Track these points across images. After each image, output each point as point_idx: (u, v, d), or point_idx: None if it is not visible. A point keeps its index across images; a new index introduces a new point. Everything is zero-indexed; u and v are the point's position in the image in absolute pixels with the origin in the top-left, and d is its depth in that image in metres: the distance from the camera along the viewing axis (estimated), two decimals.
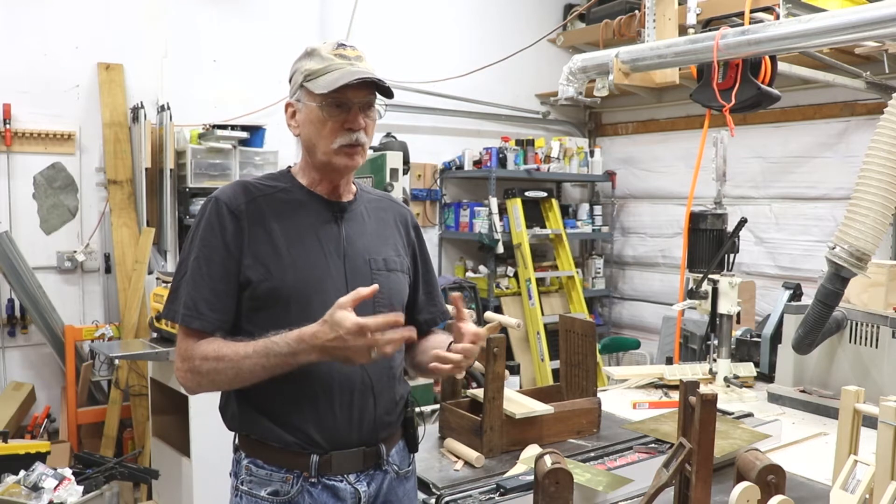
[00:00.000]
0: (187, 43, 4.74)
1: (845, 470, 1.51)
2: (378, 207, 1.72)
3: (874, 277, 2.43)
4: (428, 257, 1.83)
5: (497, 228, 5.49)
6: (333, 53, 1.54)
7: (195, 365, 1.48)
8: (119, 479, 3.34)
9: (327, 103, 1.52)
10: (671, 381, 2.81)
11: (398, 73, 5.37)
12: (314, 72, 1.53)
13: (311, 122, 1.56)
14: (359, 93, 1.53)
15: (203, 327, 1.49)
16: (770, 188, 5.36)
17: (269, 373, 1.45)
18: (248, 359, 1.44)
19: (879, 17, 2.47)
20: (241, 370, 1.45)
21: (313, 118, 1.55)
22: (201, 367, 1.48)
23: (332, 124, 1.53)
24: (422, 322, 1.79)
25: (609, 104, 6.21)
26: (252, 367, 1.44)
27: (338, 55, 1.54)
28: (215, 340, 1.49)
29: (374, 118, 1.60)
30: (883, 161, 2.11)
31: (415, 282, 1.77)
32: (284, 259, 1.53)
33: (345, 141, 1.54)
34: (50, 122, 4.32)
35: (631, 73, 3.27)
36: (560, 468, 1.27)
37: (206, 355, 1.47)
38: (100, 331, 4.26)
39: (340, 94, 1.51)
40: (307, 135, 1.58)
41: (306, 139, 1.59)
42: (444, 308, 1.85)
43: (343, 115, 1.53)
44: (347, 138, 1.54)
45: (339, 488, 1.56)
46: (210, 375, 1.48)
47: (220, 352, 1.46)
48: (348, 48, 1.56)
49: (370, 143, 1.62)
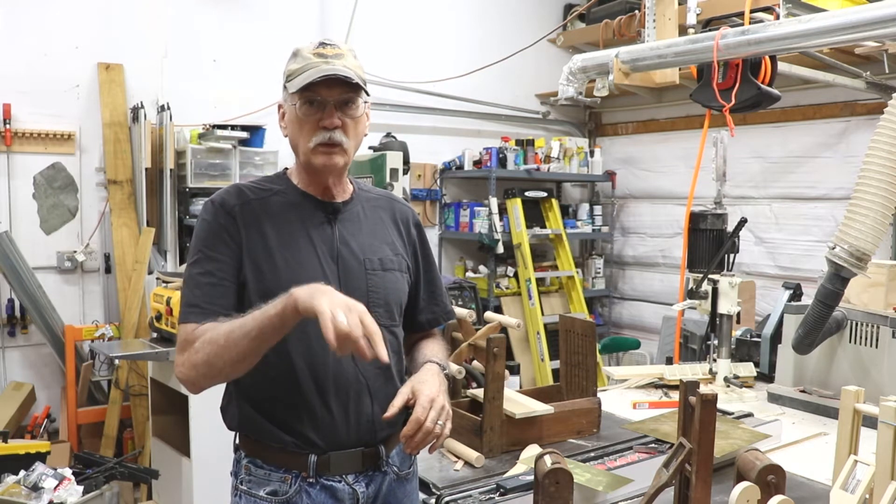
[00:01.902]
0: (187, 43, 4.74)
1: (845, 470, 1.51)
2: (377, 206, 1.71)
3: (874, 277, 2.44)
4: (430, 256, 1.81)
5: (497, 228, 5.49)
6: (313, 53, 1.54)
7: (192, 351, 1.44)
8: (119, 479, 3.34)
9: (301, 102, 1.53)
10: (671, 381, 2.81)
11: (398, 73, 5.38)
12: (293, 72, 1.53)
13: (292, 122, 1.57)
14: (332, 91, 1.52)
15: (200, 320, 1.47)
16: (770, 188, 5.36)
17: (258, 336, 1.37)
18: (237, 322, 1.40)
19: (879, 17, 2.47)
20: (233, 331, 1.39)
21: (292, 118, 1.57)
22: (198, 351, 1.43)
23: (308, 123, 1.54)
24: (423, 322, 1.78)
25: (609, 104, 6.21)
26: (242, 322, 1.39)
27: (316, 54, 1.53)
28: (210, 323, 1.46)
29: (355, 116, 1.57)
30: (883, 161, 2.11)
31: (416, 281, 1.75)
32: (277, 261, 1.53)
33: (320, 139, 1.53)
34: (50, 122, 4.32)
35: (631, 73, 3.27)
36: (560, 468, 1.27)
37: (204, 333, 1.44)
38: (100, 331, 4.27)
39: (312, 92, 1.51)
40: (291, 135, 1.59)
41: (291, 139, 1.60)
42: (448, 308, 1.84)
43: (318, 114, 1.53)
44: (322, 137, 1.53)
45: (338, 489, 1.56)
46: (205, 350, 1.42)
47: (216, 325, 1.44)
48: (328, 46, 1.55)
49: (355, 142, 1.59)
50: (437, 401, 1.48)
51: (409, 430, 1.44)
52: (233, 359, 1.41)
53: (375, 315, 1.57)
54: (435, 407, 1.47)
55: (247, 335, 1.38)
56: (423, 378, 1.55)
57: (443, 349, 1.76)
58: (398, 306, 1.67)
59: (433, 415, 1.46)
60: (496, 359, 1.93)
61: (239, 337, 1.39)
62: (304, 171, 1.61)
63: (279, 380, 1.52)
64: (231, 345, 1.40)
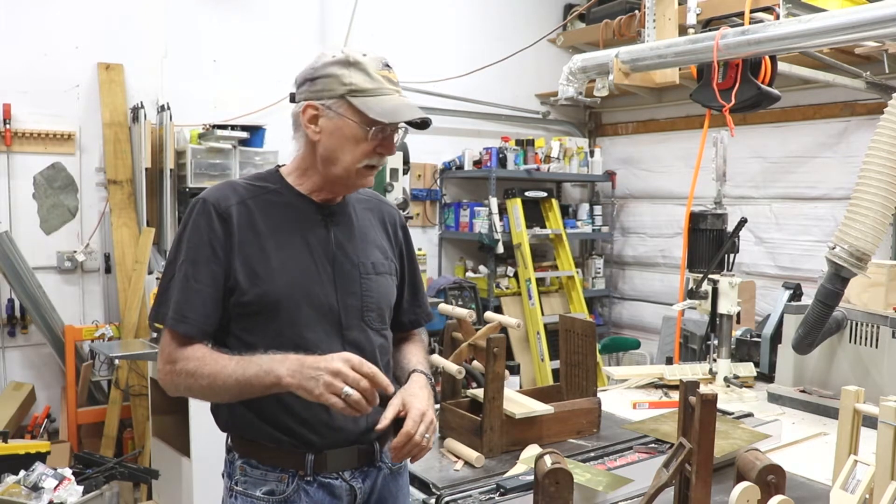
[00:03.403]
0: (187, 43, 4.74)
1: (845, 470, 1.51)
2: (366, 208, 1.71)
3: (874, 277, 2.44)
4: (414, 257, 1.82)
5: (497, 228, 5.49)
6: (381, 74, 1.52)
7: (176, 369, 1.48)
8: (119, 479, 3.34)
9: (376, 129, 1.51)
10: (671, 381, 2.81)
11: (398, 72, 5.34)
12: (363, 90, 1.50)
13: (344, 137, 1.51)
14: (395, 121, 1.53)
15: (188, 332, 1.48)
16: (770, 188, 5.36)
17: (241, 389, 1.43)
18: (226, 369, 1.44)
19: (879, 17, 2.47)
20: (215, 381, 1.44)
21: (348, 134, 1.51)
22: (181, 372, 1.48)
23: (369, 146, 1.52)
24: (406, 323, 1.80)
25: (609, 104, 6.21)
26: (226, 378, 1.43)
27: (385, 77, 1.53)
28: (200, 349, 1.48)
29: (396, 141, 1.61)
30: (883, 161, 2.11)
31: (401, 283, 1.76)
32: (273, 263, 1.52)
33: (373, 162, 1.55)
34: (50, 122, 4.32)
35: (631, 73, 3.27)
36: (560, 468, 1.27)
37: (188, 362, 1.47)
38: (100, 331, 4.27)
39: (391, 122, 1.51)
40: (331, 146, 1.53)
41: (328, 150, 1.53)
42: (429, 309, 1.86)
43: (380, 139, 1.53)
44: (376, 160, 1.55)
45: (335, 486, 1.57)
46: (187, 382, 1.48)
47: (202, 362, 1.46)
48: (392, 70, 1.56)
49: None
50: (427, 415, 1.52)
51: (400, 443, 1.48)
52: (211, 398, 1.53)
53: (368, 319, 1.59)
54: (425, 421, 1.50)
55: (226, 391, 1.45)
56: (413, 391, 1.57)
57: (425, 353, 1.79)
58: (388, 309, 1.68)
59: (422, 429, 1.49)
60: (496, 359, 1.93)
61: (219, 389, 1.46)
62: (326, 180, 1.57)
63: None
64: (211, 393, 1.49)
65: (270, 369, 1.40)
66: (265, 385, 1.41)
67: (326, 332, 1.55)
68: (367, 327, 1.61)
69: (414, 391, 1.57)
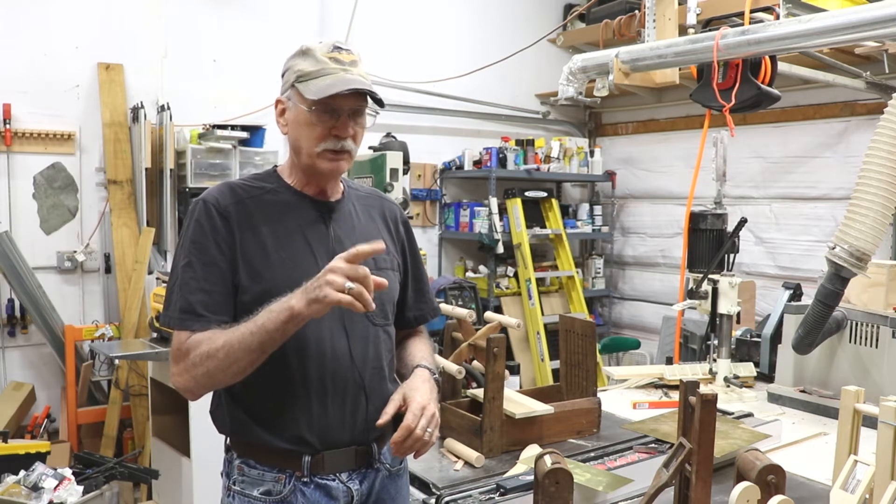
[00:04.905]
0: (187, 43, 4.74)
1: (845, 470, 1.51)
2: (367, 205, 1.72)
3: (874, 277, 2.43)
4: (417, 253, 1.82)
5: (497, 228, 5.49)
6: (328, 56, 1.52)
7: (189, 359, 1.45)
8: (119, 479, 3.34)
9: (317, 109, 1.50)
10: (671, 381, 2.81)
11: (398, 73, 5.37)
12: (307, 73, 1.51)
13: (299, 124, 1.54)
14: (349, 100, 1.51)
15: (194, 328, 1.47)
16: (770, 188, 5.36)
17: (261, 341, 1.39)
18: (238, 330, 1.41)
19: (879, 17, 2.47)
20: (233, 346, 1.40)
21: (301, 121, 1.53)
22: (197, 365, 1.44)
23: (320, 129, 1.52)
24: (411, 318, 1.79)
25: (609, 104, 6.21)
26: (242, 337, 1.40)
27: (332, 59, 1.52)
28: (207, 332, 1.46)
29: (364, 125, 1.58)
30: (883, 161, 2.11)
31: (404, 278, 1.76)
32: (273, 261, 1.52)
33: (330, 146, 1.53)
34: (50, 122, 4.32)
35: (631, 73, 3.27)
36: (560, 468, 1.27)
37: (199, 345, 1.44)
38: (100, 331, 4.27)
39: (331, 100, 1.49)
40: (294, 135, 1.57)
41: (293, 139, 1.58)
42: (434, 305, 1.85)
43: (332, 121, 1.52)
44: (332, 144, 1.53)
45: (332, 487, 1.56)
46: (205, 365, 1.43)
47: (212, 340, 1.43)
48: (343, 52, 1.54)
49: (357, 149, 1.61)
50: (428, 409, 1.51)
51: (400, 437, 1.47)
52: (234, 372, 1.43)
53: (370, 314, 1.59)
54: (426, 415, 1.49)
55: (247, 350, 1.40)
56: (415, 385, 1.57)
57: (430, 349, 1.78)
58: (391, 305, 1.68)
59: (423, 422, 1.48)
60: (496, 359, 1.93)
61: (239, 352, 1.40)
62: (303, 171, 1.60)
63: (274, 382, 1.52)
64: (232, 360, 1.41)
65: (280, 308, 1.38)
66: (281, 323, 1.37)
67: (329, 329, 1.55)
68: (370, 323, 1.61)
69: (415, 385, 1.57)
